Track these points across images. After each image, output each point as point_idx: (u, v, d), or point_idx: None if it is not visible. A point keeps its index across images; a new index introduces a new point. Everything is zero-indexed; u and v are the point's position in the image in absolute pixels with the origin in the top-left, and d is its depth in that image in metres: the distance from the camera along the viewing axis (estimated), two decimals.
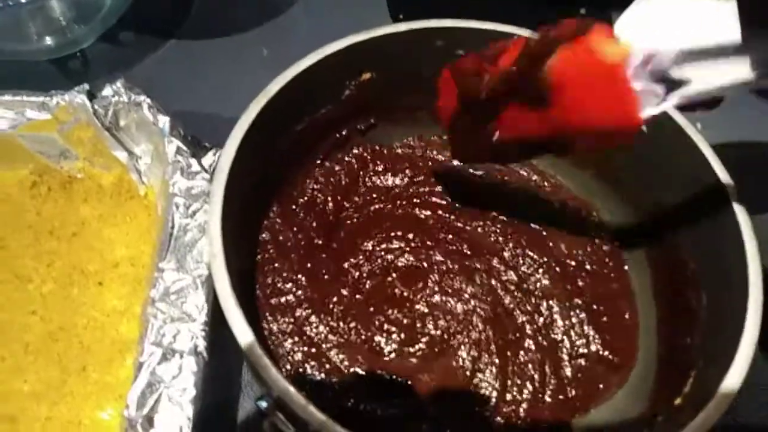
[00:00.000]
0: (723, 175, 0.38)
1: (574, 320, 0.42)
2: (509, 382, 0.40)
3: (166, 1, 0.69)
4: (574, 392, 0.40)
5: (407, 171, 0.49)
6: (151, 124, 0.45)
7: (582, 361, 0.41)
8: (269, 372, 0.28)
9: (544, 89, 0.33)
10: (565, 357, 0.41)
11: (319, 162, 0.47)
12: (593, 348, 0.42)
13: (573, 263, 0.45)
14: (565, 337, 0.42)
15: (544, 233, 0.46)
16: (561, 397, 0.40)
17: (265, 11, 0.67)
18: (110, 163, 0.48)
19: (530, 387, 0.40)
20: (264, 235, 0.43)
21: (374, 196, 0.47)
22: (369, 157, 0.49)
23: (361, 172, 0.48)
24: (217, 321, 0.37)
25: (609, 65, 0.31)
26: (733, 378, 0.31)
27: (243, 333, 0.30)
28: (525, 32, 0.43)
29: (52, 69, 0.60)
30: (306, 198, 0.45)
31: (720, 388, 0.31)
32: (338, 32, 0.43)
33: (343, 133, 0.48)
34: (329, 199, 0.46)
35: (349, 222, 0.46)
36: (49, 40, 0.59)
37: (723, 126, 0.61)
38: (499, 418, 0.39)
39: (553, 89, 0.32)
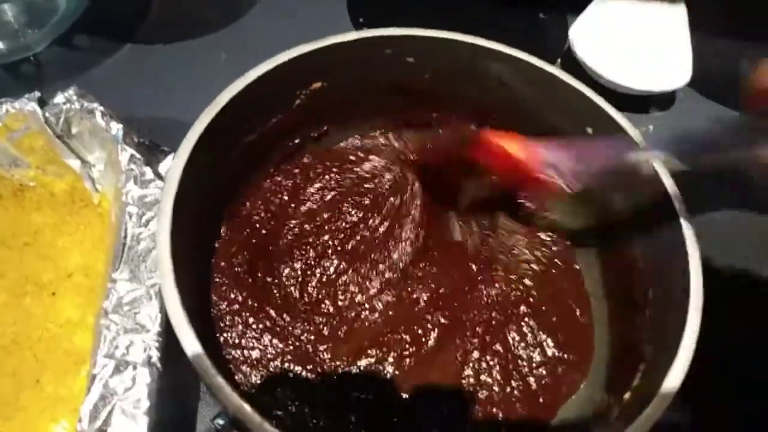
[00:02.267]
0: (667, 181, 0.39)
1: (525, 330, 0.43)
2: (476, 401, 0.40)
3: (122, 4, 0.68)
4: (542, 399, 0.41)
5: (357, 174, 0.49)
6: (104, 131, 0.45)
7: (543, 370, 0.42)
8: (224, 391, 0.28)
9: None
10: (526, 370, 0.42)
11: (271, 170, 0.47)
12: (550, 353, 0.42)
13: (524, 265, 0.46)
14: (522, 352, 0.42)
15: (493, 232, 0.47)
16: (530, 405, 0.40)
17: (224, 15, 0.67)
18: (63, 171, 0.47)
19: (498, 397, 0.40)
20: (219, 244, 0.43)
21: (322, 204, 0.47)
22: (319, 166, 0.49)
23: (310, 181, 0.48)
24: (172, 331, 0.36)
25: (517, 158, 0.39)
26: (676, 375, 0.32)
27: (196, 355, 0.29)
28: (468, 38, 0.44)
29: (4, 74, 0.59)
30: (257, 207, 0.45)
31: (663, 383, 0.32)
32: (297, 36, 0.43)
33: (296, 141, 0.48)
34: (279, 207, 0.46)
35: (297, 230, 0.46)
36: (0, 45, 0.58)
37: (674, 127, 0.63)
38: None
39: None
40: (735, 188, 0.53)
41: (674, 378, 0.32)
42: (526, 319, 0.43)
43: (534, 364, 0.42)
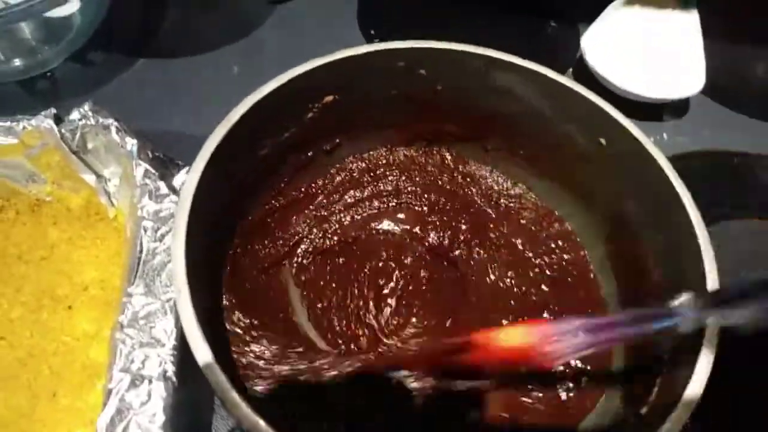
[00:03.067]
0: (680, 189, 0.38)
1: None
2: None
3: (136, 20, 0.69)
4: (570, 411, 0.40)
5: (371, 188, 0.49)
6: (119, 146, 0.45)
7: (569, 383, 0.41)
8: (238, 406, 0.28)
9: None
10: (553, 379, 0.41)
11: (283, 185, 0.47)
12: (573, 364, 0.42)
13: (537, 270, 0.46)
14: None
15: (512, 251, 0.47)
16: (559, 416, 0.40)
17: (235, 30, 0.68)
18: (79, 186, 0.48)
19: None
20: (230, 259, 0.43)
21: (339, 217, 0.47)
22: (334, 179, 0.49)
23: (325, 194, 0.48)
24: (187, 345, 0.37)
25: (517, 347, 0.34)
26: (695, 386, 0.31)
27: (210, 368, 0.29)
28: (481, 50, 0.43)
29: (21, 90, 0.60)
30: (273, 220, 0.45)
31: (683, 396, 0.31)
32: (308, 49, 0.44)
33: (309, 154, 0.48)
34: (296, 219, 0.46)
35: (310, 244, 0.46)
36: (17, 62, 0.59)
37: (688, 134, 0.63)
38: None
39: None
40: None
41: (692, 392, 0.31)
42: None
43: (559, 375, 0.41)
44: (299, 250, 0.45)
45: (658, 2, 0.65)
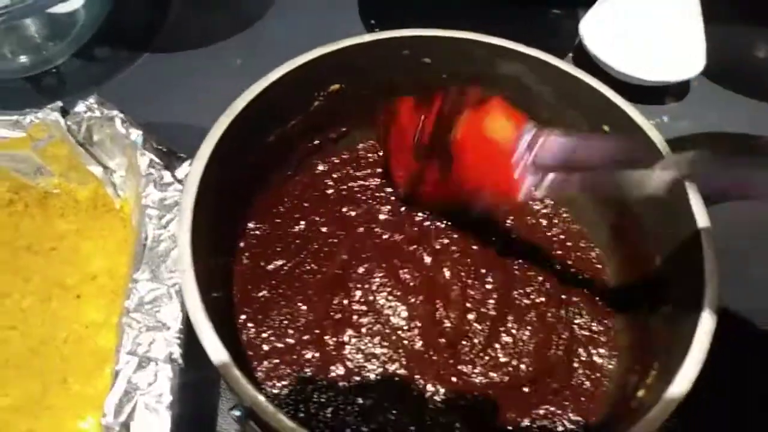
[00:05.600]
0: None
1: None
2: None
3: (140, 15, 0.70)
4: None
5: (378, 179, 0.49)
6: (124, 138, 0.46)
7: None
8: (239, 383, 0.29)
9: (450, 150, 0.39)
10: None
11: (290, 173, 0.47)
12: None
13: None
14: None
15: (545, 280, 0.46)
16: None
17: (238, 22, 0.68)
18: (85, 178, 0.49)
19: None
20: (241, 244, 0.44)
21: (346, 205, 0.48)
22: (342, 167, 0.49)
23: (332, 182, 0.49)
24: (192, 329, 0.37)
25: (496, 142, 0.36)
26: (683, 382, 0.31)
27: (213, 348, 0.30)
28: (483, 38, 0.44)
29: (28, 86, 0.61)
30: (280, 207, 0.46)
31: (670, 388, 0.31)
32: (311, 40, 0.44)
33: (315, 142, 0.49)
34: (303, 207, 0.47)
35: (323, 230, 0.46)
36: (23, 58, 0.60)
37: (689, 117, 0.63)
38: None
39: (456, 151, 0.38)
40: None
41: (681, 384, 0.31)
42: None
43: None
44: (308, 235, 0.46)
45: None
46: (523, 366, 0.40)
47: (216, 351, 0.30)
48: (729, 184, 0.30)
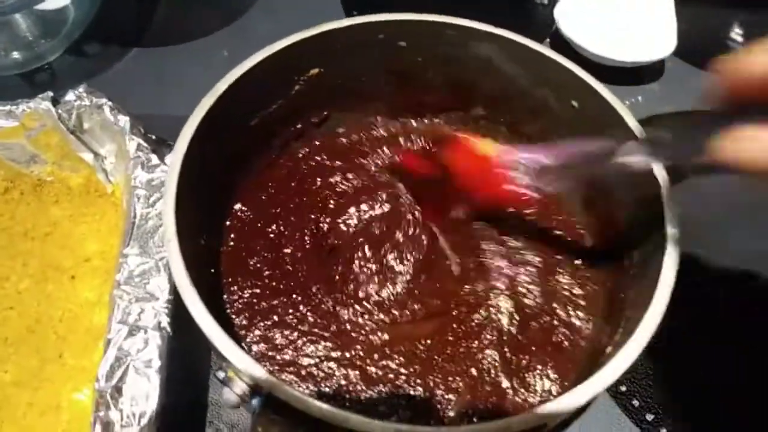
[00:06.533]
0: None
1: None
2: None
3: (129, 11, 0.72)
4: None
5: (360, 160, 0.51)
6: (113, 124, 0.48)
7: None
8: (223, 343, 0.30)
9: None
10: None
11: (274, 156, 0.49)
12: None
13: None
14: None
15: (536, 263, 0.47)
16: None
17: (224, 17, 0.71)
18: (78, 165, 0.51)
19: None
20: (227, 223, 0.45)
21: (328, 189, 0.49)
22: (323, 150, 0.51)
23: (315, 165, 0.50)
24: (180, 299, 0.39)
25: (485, 156, 0.41)
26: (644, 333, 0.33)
27: (197, 309, 0.31)
28: (457, 21, 0.45)
29: (21, 82, 0.63)
30: (264, 190, 0.48)
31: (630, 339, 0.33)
32: (294, 30, 0.45)
33: (298, 126, 0.50)
34: (286, 189, 0.48)
35: (300, 212, 0.47)
36: (16, 55, 0.62)
37: (663, 97, 0.65)
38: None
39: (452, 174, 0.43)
40: None
41: (642, 335, 0.33)
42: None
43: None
44: (291, 217, 0.47)
45: None
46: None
47: (202, 317, 0.31)
48: (694, 157, 0.32)
